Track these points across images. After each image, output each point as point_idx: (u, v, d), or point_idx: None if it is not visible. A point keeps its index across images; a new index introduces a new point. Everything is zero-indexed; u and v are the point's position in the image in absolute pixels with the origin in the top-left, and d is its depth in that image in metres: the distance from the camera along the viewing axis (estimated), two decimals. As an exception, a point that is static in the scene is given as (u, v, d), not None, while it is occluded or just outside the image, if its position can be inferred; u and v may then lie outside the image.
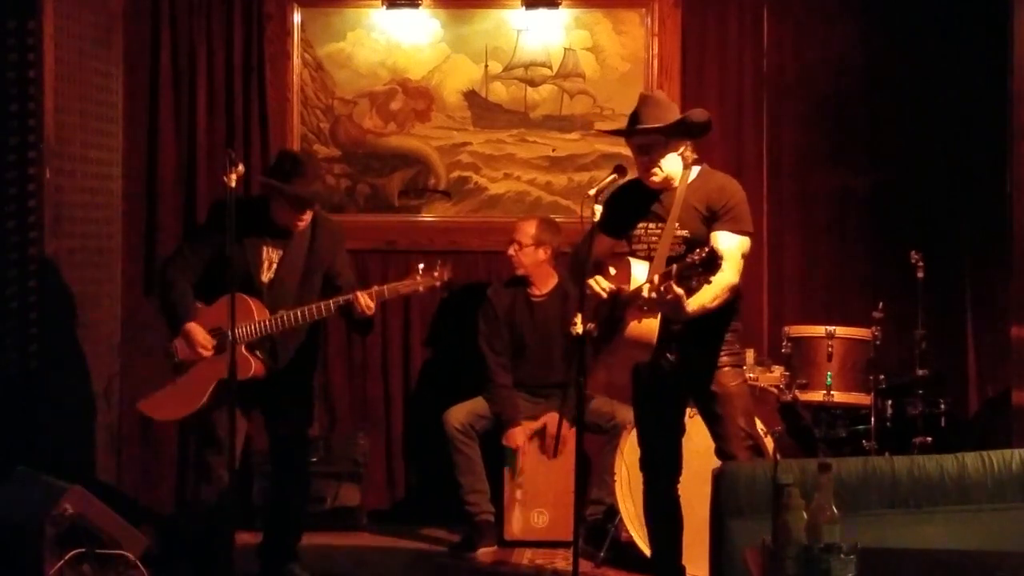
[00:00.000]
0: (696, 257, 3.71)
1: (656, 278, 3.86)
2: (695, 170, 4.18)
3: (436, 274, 4.61)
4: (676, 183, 4.15)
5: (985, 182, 5.43)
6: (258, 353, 4.58)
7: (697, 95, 5.86)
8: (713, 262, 3.68)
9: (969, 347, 5.70)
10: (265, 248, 4.61)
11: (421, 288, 4.63)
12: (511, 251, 5.52)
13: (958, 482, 3.71)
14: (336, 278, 4.72)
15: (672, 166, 4.14)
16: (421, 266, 4.64)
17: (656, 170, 4.11)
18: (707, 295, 3.90)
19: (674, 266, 3.80)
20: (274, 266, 4.62)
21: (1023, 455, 3.74)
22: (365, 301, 4.50)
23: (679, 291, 3.79)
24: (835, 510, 2.77)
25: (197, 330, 4.54)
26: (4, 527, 4.34)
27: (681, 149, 4.16)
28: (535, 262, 5.50)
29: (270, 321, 4.52)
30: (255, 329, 4.52)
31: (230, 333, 4.20)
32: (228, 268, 4.21)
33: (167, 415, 4.82)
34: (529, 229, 5.49)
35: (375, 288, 4.57)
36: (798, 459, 4.05)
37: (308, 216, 4.62)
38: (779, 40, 5.89)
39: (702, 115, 4.22)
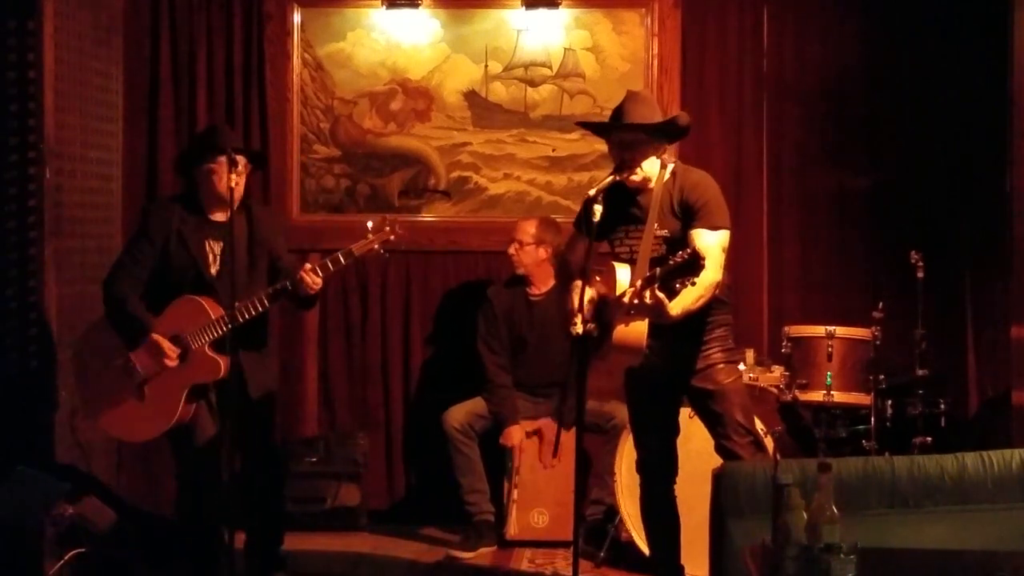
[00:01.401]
0: (678, 259, 3.70)
1: (638, 283, 3.86)
2: (669, 168, 4.19)
3: (388, 228, 4.45)
4: (652, 183, 4.15)
5: (985, 182, 5.43)
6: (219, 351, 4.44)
7: (697, 95, 5.87)
8: (695, 264, 3.67)
9: (969, 347, 5.70)
10: (207, 242, 4.54)
11: (376, 245, 4.44)
12: (511, 250, 5.52)
13: (958, 482, 3.71)
14: (278, 260, 4.65)
15: (650, 166, 4.15)
16: (370, 223, 4.49)
17: (637, 168, 4.12)
18: (690, 296, 3.87)
19: (657, 270, 3.79)
20: (219, 258, 4.53)
21: (1023, 455, 3.75)
22: (311, 279, 4.38)
23: (660, 296, 3.78)
24: (835, 510, 2.77)
25: (161, 340, 4.45)
26: (4, 527, 4.34)
27: (660, 150, 4.16)
28: (535, 261, 5.51)
29: (226, 317, 4.39)
30: (214, 328, 4.44)
31: (227, 334, 4.19)
32: (229, 268, 4.21)
33: (144, 435, 4.68)
34: (530, 228, 5.50)
35: (320, 262, 4.43)
36: (798, 459, 4.05)
37: (240, 177, 4.45)
38: (779, 40, 5.89)
39: (686, 119, 4.24)
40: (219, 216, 4.54)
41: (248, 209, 4.64)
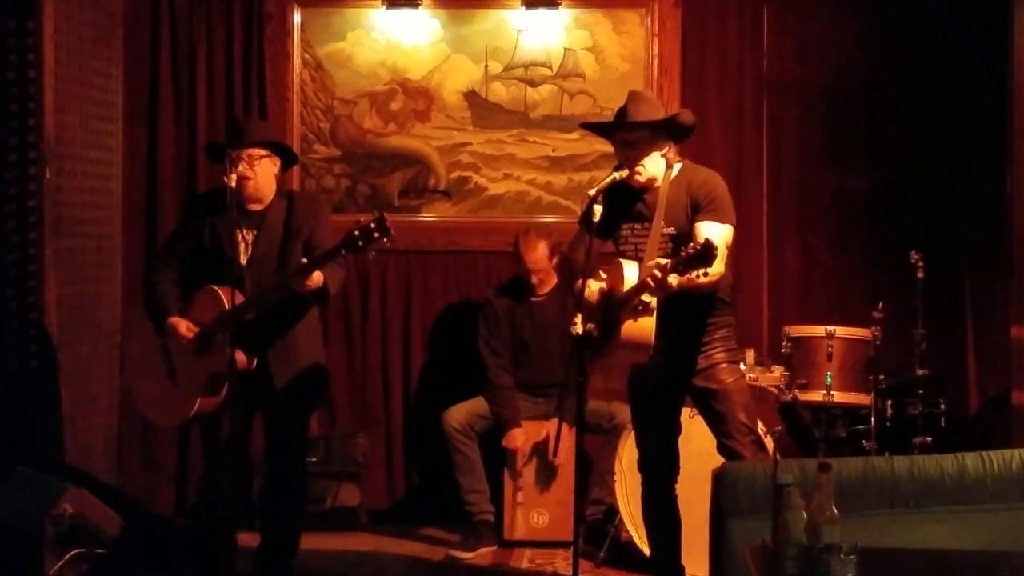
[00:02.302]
0: (690, 251, 3.70)
1: (655, 271, 3.83)
2: (676, 167, 4.20)
3: (373, 226, 4.16)
4: (659, 183, 4.16)
5: (985, 182, 5.42)
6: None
7: (697, 95, 5.87)
8: (708, 255, 3.67)
9: (969, 347, 5.70)
10: (240, 231, 4.52)
11: (361, 243, 4.17)
12: (534, 280, 5.47)
13: (958, 482, 3.71)
14: (314, 253, 4.41)
15: (655, 166, 4.15)
16: (361, 219, 4.26)
17: (640, 169, 4.12)
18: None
19: (668, 262, 3.78)
20: (250, 247, 4.53)
21: (1023, 455, 3.74)
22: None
23: (672, 282, 3.79)
24: (835, 510, 2.77)
25: (179, 323, 4.48)
26: (4, 527, 4.35)
27: (665, 149, 4.17)
28: (548, 269, 5.49)
29: (239, 310, 4.31)
30: (228, 318, 4.34)
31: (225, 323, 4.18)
32: (227, 265, 4.21)
33: (165, 421, 4.78)
34: (542, 251, 5.43)
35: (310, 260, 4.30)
36: (798, 459, 4.05)
37: (252, 169, 4.46)
38: (779, 40, 5.89)
39: (690, 117, 4.24)
40: (254, 206, 4.55)
41: (290, 198, 4.64)
